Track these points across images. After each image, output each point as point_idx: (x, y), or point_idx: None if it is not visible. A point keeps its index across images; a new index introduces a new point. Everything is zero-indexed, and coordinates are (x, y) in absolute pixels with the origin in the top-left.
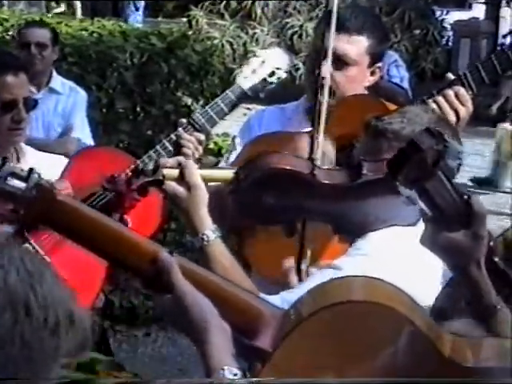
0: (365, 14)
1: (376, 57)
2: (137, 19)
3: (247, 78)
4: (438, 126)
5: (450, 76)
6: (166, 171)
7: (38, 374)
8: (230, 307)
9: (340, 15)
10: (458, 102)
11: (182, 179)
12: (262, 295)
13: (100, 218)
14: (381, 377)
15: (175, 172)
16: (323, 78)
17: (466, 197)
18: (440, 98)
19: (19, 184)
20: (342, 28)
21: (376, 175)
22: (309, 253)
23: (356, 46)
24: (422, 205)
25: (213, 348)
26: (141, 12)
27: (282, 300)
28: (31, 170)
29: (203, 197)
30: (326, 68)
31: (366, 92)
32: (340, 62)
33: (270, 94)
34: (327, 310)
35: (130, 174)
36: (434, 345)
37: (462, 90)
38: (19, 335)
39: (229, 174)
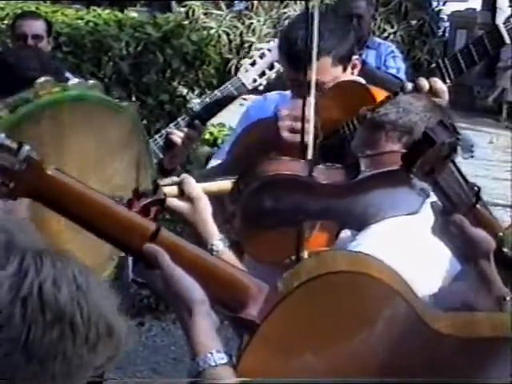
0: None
1: (346, 55)
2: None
3: (247, 70)
4: (433, 112)
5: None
6: (166, 189)
7: None
8: (217, 281)
9: (291, 55)
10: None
11: (182, 195)
12: None
13: (90, 192)
14: (368, 345)
15: (175, 189)
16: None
17: (475, 189)
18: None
19: (9, 157)
20: (301, 64)
21: (374, 170)
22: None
23: (323, 70)
24: (435, 197)
25: (199, 331)
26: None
27: None
28: (21, 143)
29: (207, 207)
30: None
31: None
32: (319, 87)
33: (268, 86)
34: (313, 282)
35: (131, 196)
36: (419, 316)
37: (438, 83)
38: (62, 352)
39: (227, 184)
